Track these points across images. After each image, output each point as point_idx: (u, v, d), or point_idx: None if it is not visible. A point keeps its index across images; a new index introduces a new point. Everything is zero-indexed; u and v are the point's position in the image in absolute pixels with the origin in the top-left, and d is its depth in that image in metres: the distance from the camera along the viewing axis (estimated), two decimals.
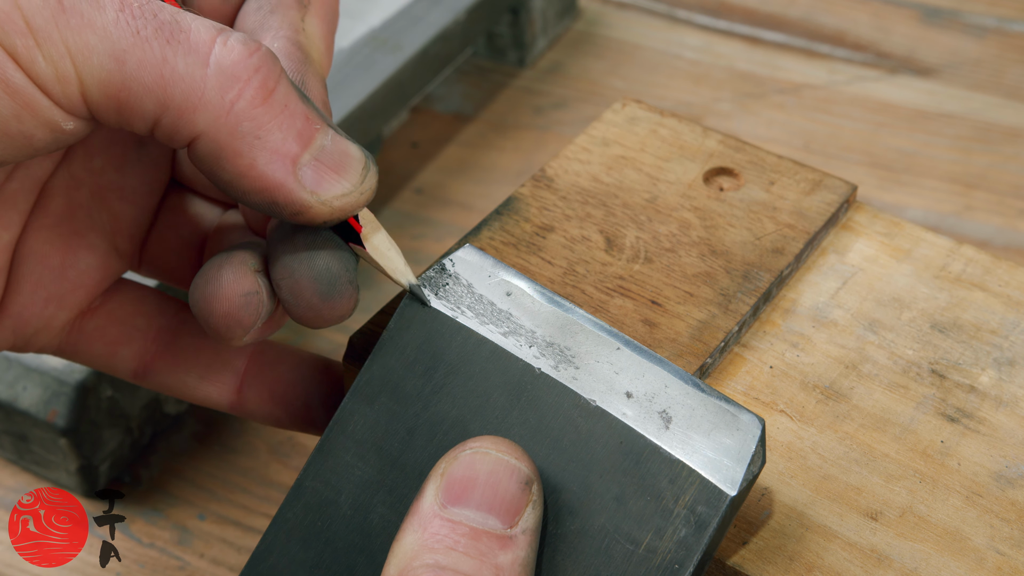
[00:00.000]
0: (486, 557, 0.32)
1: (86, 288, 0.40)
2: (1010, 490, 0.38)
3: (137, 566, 0.54)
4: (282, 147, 0.33)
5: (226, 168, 0.33)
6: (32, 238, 0.39)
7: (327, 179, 0.34)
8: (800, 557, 0.36)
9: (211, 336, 0.36)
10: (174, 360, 0.42)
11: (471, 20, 0.72)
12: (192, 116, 0.32)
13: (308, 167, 0.34)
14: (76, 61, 0.31)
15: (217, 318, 0.36)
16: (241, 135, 0.33)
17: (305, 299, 0.36)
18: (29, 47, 0.31)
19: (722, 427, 0.34)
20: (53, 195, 0.39)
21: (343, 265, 0.36)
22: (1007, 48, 0.81)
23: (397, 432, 0.36)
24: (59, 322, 0.40)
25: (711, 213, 0.45)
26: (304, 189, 0.34)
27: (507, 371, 0.36)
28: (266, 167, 0.33)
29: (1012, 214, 0.70)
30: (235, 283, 0.36)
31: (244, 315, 0.36)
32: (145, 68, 0.32)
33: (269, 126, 0.33)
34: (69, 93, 0.32)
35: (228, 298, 0.36)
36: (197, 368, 0.42)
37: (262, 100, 0.33)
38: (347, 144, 0.35)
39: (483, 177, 0.73)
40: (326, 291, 0.36)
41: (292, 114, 0.33)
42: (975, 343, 0.42)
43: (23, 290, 0.39)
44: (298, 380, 0.42)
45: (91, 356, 0.42)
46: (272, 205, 0.34)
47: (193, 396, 0.42)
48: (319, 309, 0.36)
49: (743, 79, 0.79)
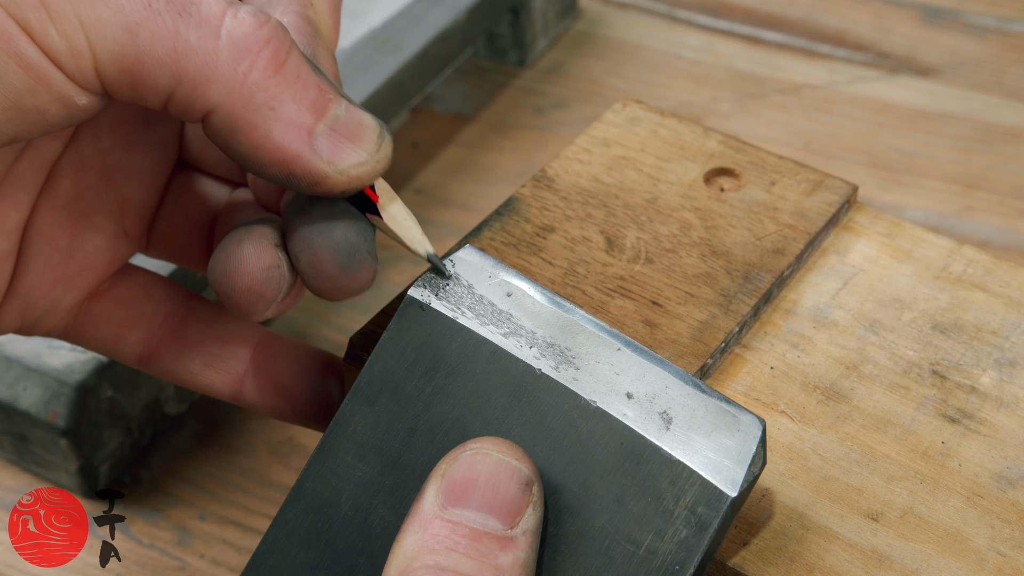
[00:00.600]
0: (487, 558, 0.32)
1: (94, 270, 0.40)
2: (1011, 491, 0.38)
3: (137, 566, 0.54)
4: (297, 118, 0.33)
5: (241, 141, 0.33)
6: (40, 219, 0.39)
7: (343, 148, 0.34)
8: (801, 558, 0.36)
9: (232, 311, 0.36)
10: (179, 347, 0.42)
11: (471, 20, 0.72)
12: (206, 89, 0.32)
13: (324, 137, 0.34)
14: (89, 34, 0.31)
15: (239, 293, 0.36)
16: (255, 106, 0.33)
17: (325, 270, 0.36)
18: (42, 21, 0.31)
19: (723, 428, 0.34)
20: (61, 176, 0.39)
21: (361, 235, 0.36)
22: (1007, 48, 0.81)
23: (397, 433, 0.36)
24: (66, 304, 0.40)
25: (712, 214, 0.45)
26: (321, 159, 0.34)
27: (507, 372, 0.36)
28: (282, 138, 0.33)
29: (1013, 214, 0.70)
30: (256, 257, 0.36)
31: (266, 289, 0.36)
32: (158, 41, 0.32)
33: (283, 97, 0.33)
34: (83, 67, 0.32)
35: (250, 272, 0.36)
36: (202, 356, 0.42)
37: (275, 71, 0.33)
38: (360, 113, 0.35)
39: (483, 177, 0.73)
40: (345, 261, 0.36)
41: (305, 84, 0.33)
42: (976, 344, 0.42)
43: (31, 271, 0.39)
44: (302, 373, 0.42)
45: (96, 340, 0.42)
46: (289, 177, 0.34)
47: (196, 384, 0.42)
48: (339, 280, 0.36)
49: (743, 79, 0.79)
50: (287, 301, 0.38)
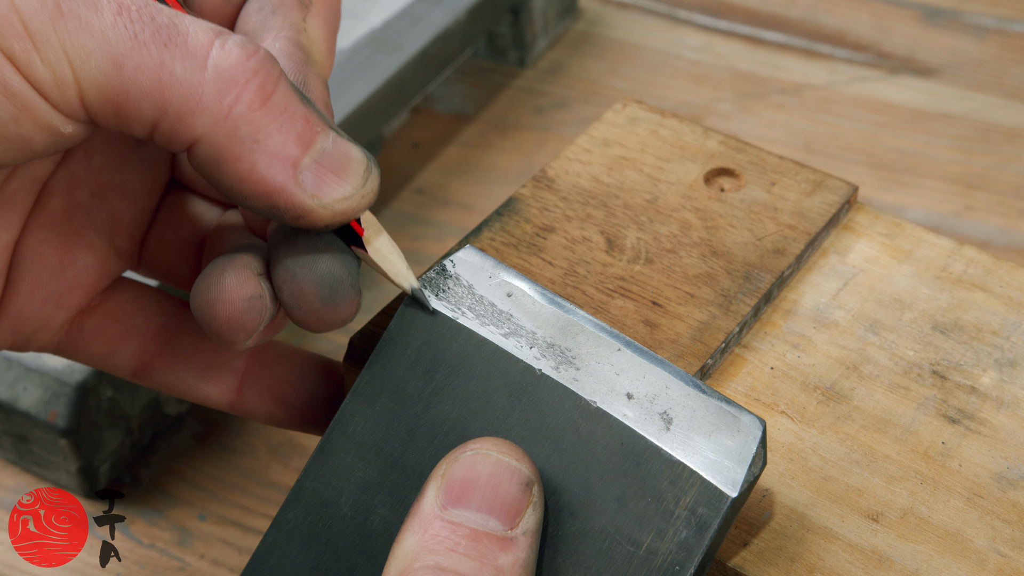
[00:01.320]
0: (487, 559, 0.32)
1: (84, 287, 0.40)
2: (1011, 491, 0.38)
3: (137, 567, 0.54)
4: (282, 150, 0.33)
5: (226, 172, 0.33)
6: (30, 238, 0.39)
7: (328, 182, 0.34)
8: (801, 558, 0.36)
9: (213, 340, 0.36)
10: (174, 359, 0.41)
11: (471, 20, 0.72)
12: (191, 120, 0.32)
13: (309, 171, 0.33)
14: (74, 65, 0.31)
15: (220, 322, 0.36)
16: (240, 139, 0.32)
17: (307, 303, 0.35)
18: (27, 51, 0.31)
19: (723, 428, 0.34)
20: (52, 194, 0.39)
21: (345, 269, 0.36)
22: (1008, 48, 0.81)
23: (398, 433, 0.36)
24: (58, 321, 0.40)
25: (712, 214, 0.45)
26: (305, 193, 0.33)
27: (508, 372, 0.36)
28: (266, 171, 0.33)
29: (1013, 215, 0.70)
30: (238, 287, 0.35)
31: (247, 319, 0.36)
32: (143, 72, 0.32)
33: (268, 129, 0.33)
34: (67, 97, 0.32)
35: (231, 302, 0.35)
36: (197, 367, 0.41)
37: (260, 103, 0.33)
38: (348, 146, 0.34)
39: (484, 177, 0.73)
40: (328, 295, 0.35)
41: (292, 117, 0.33)
42: (976, 344, 0.42)
43: (21, 290, 0.39)
44: (298, 380, 0.42)
45: (90, 355, 0.42)
46: (273, 209, 0.34)
47: (193, 395, 0.42)
48: (321, 313, 0.36)
49: (744, 79, 0.79)
50: (270, 329, 0.37)
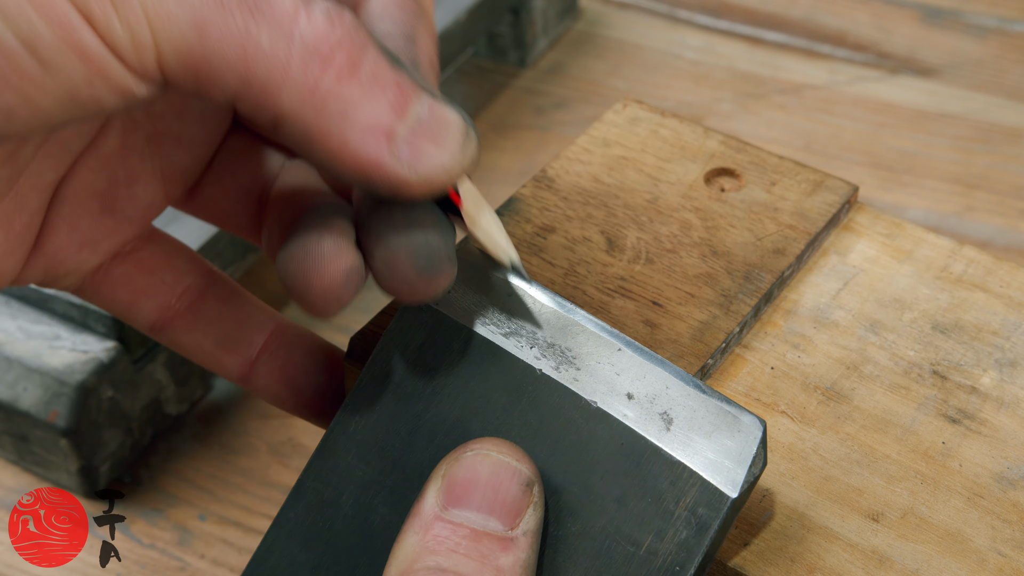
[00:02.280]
0: (487, 559, 0.32)
1: (123, 234, 0.39)
2: (1012, 491, 0.38)
3: (138, 567, 0.54)
4: (374, 122, 0.31)
5: (316, 149, 0.31)
6: (77, 180, 0.38)
7: (425, 152, 0.32)
8: (801, 559, 0.36)
9: (304, 309, 0.34)
10: (195, 321, 0.41)
11: (472, 20, 0.72)
12: (276, 95, 0.31)
13: (404, 141, 0.32)
14: (154, 28, 0.30)
15: (316, 294, 0.34)
16: (329, 114, 0.31)
17: (401, 273, 0.34)
18: (106, 11, 0.29)
19: (723, 429, 0.34)
20: (108, 136, 0.38)
21: (443, 240, 0.34)
22: (1008, 48, 0.81)
23: (398, 433, 0.36)
24: (90, 265, 0.39)
25: (712, 214, 0.45)
26: (402, 165, 0.32)
27: (508, 372, 0.36)
28: (359, 146, 0.31)
29: (1013, 215, 0.70)
30: (337, 258, 0.33)
31: (345, 292, 0.34)
32: (227, 40, 0.30)
33: (358, 102, 0.31)
34: (145, 60, 0.30)
35: (330, 275, 0.33)
36: (216, 334, 0.41)
37: (349, 75, 0.31)
38: (445, 110, 0.32)
39: (484, 177, 0.73)
40: (424, 266, 0.33)
41: (383, 85, 0.31)
42: (976, 344, 0.42)
43: (60, 231, 0.38)
44: (312, 366, 0.41)
45: (111, 302, 0.40)
46: (369, 183, 0.32)
47: (206, 361, 0.41)
48: (415, 284, 0.34)
49: (744, 79, 0.79)
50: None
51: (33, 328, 0.55)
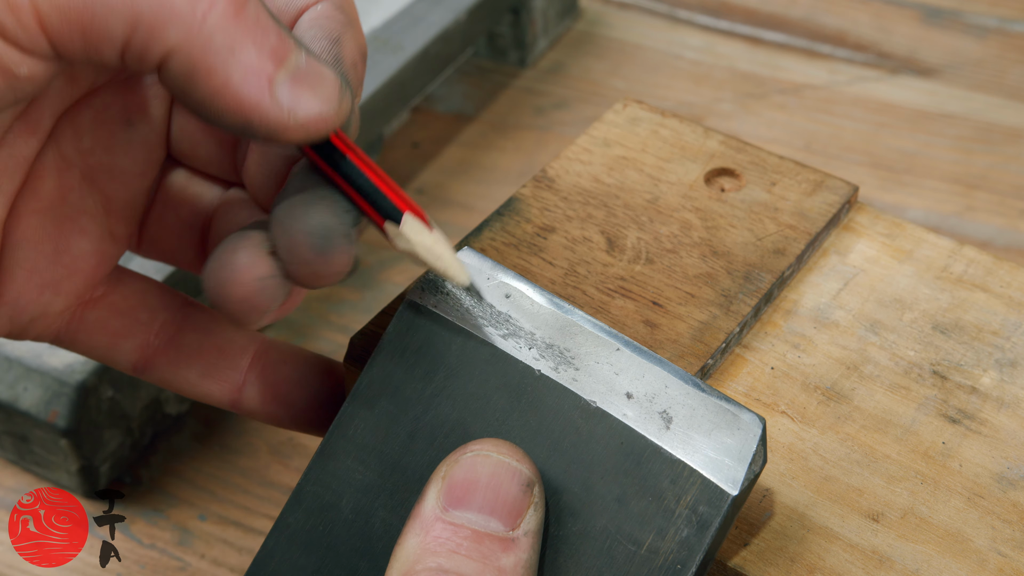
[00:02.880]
0: (488, 560, 0.32)
1: (82, 274, 0.40)
2: (1012, 491, 0.38)
3: (138, 567, 0.54)
4: (257, 64, 0.32)
5: (199, 86, 0.32)
6: (24, 223, 0.38)
7: (303, 98, 0.33)
8: (801, 558, 0.36)
9: (228, 321, 0.35)
10: (176, 355, 0.41)
11: (472, 20, 0.72)
12: (163, 31, 0.31)
13: (284, 85, 0.32)
14: None
15: (233, 303, 0.35)
16: (215, 50, 0.31)
17: (299, 254, 0.34)
18: None
19: (723, 427, 0.34)
20: (43, 177, 0.38)
21: (338, 219, 0.34)
22: (1008, 48, 0.81)
23: (398, 435, 0.36)
24: (56, 309, 0.40)
25: (712, 214, 0.45)
26: (280, 108, 0.32)
27: (507, 373, 0.36)
28: (241, 85, 0.32)
29: (1013, 215, 0.70)
30: (251, 267, 0.35)
31: (261, 300, 0.35)
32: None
33: (243, 41, 0.31)
34: (25, 23, 0.30)
35: (244, 283, 0.34)
36: (199, 365, 0.41)
37: (234, 13, 0.31)
38: (321, 65, 0.33)
39: (484, 177, 0.73)
40: (320, 244, 0.34)
41: (265, 30, 0.32)
42: (977, 344, 0.42)
43: (17, 276, 0.38)
44: (301, 380, 0.42)
45: (91, 347, 0.41)
46: (246, 125, 0.32)
47: (194, 393, 0.42)
48: (313, 264, 0.34)
49: (744, 79, 0.79)
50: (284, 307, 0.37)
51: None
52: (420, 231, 0.35)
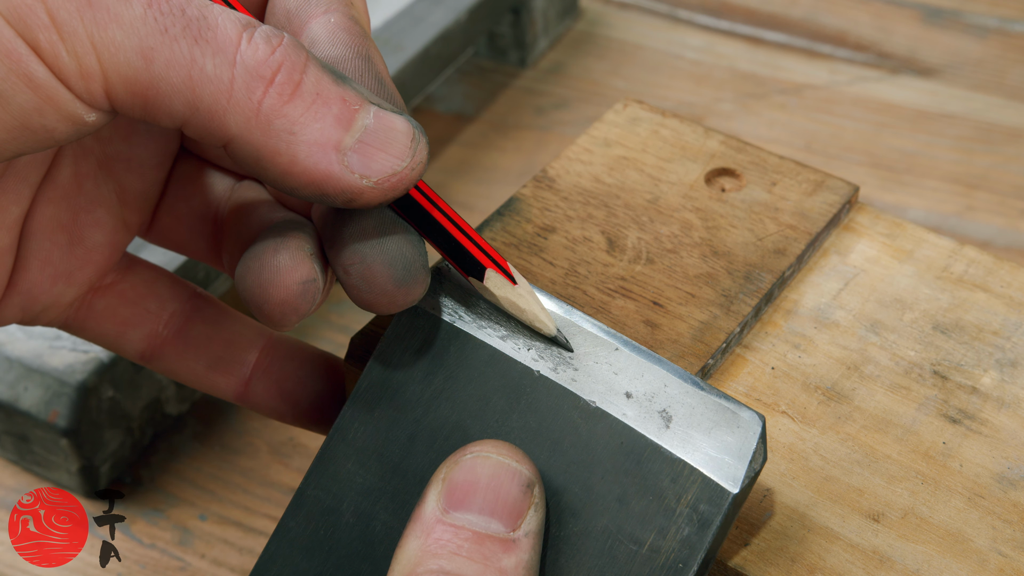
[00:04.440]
0: (490, 561, 0.32)
1: (95, 264, 0.40)
2: (1012, 491, 0.38)
3: (138, 567, 0.54)
4: (321, 137, 0.32)
5: (267, 168, 0.32)
6: (40, 213, 0.39)
7: (375, 160, 0.33)
8: (802, 558, 0.36)
9: (262, 321, 0.35)
10: (185, 346, 0.41)
11: (472, 20, 0.72)
12: (223, 119, 0.32)
13: (353, 151, 0.33)
14: (101, 57, 0.31)
15: (272, 306, 0.35)
16: (275, 133, 0.32)
17: (379, 285, 0.34)
18: (53, 41, 0.30)
19: (723, 425, 0.34)
20: (61, 165, 0.39)
21: (416, 249, 0.35)
22: (1009, 48, 0.81)
23: (398, 438, 0.36)
24: (68, 298, 0.40)
25: (713, 214, 0.45)
26: (352, 175, 0.33)
27: (506, 374, 0.36)
28: (308, 161, 0.32)
29: (1014, 215, 0.70)
30: (293, 270, 0.35)
31: (301, 303, 0.35)
32: (173, 68, 0.31)
33: (303, 119, 0.32)
34: (93, 89, 0.31)
35: (286, 286, 0.35)
36: (207, 356, 0.41)
37: (291, 95, 0.32)
38: (391, 118, 0.33)
39: (484, 177, 0.73)
40: (401, 277, 0.34)
41: (326, 100, 0.32)
42: (977, 344, 0.42)
43: (31, 266, 0.39)
44: (307, 377, 0.42)
45: (99, 334, 0.41)
46: (323, 197, 0.33)
47: (200, 384, 0.42)
48: (393, 295, 0.35)
49: (744, 79, 0.79)
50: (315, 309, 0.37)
51: (34, 328, 0.55)
52: (503, 286, 0.36)
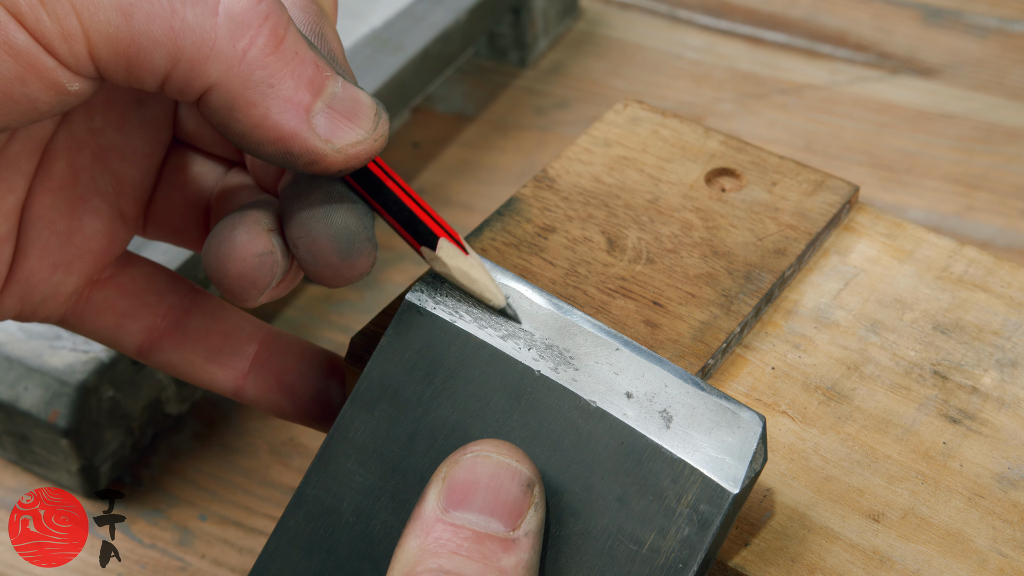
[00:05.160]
0: (489, 560, 0.32)
1: (93, 254, 0.40)
2: (1012, 491, 0.38)
3: (138, 567, 0.54)
4: (295, 96, 0.33)
5: (239, 119, 0.33)
6: (37, 203, 0.39)
7: (340, 127, 0.34)
8: (802, 559, 0.36)
9: (225, 297, 0.36)
10: (183, 339, 0.41)
11: (472, 20, 0.72)
12: (204, 67, 0.32)
13: (321, 115, 0.33)
14: (82, 17, 0.31)
15: (231, 279, 0.36)
16: (254, 84, 0.32)
17: (324, 257, 0.35)
18: (32, 5, 0.30)
19: (723, 425, 0.34)
20: (56, 157, 0.39)
21: (361, 222, 0.35)
22: (1009, 48, 0.81)
23: (398, 437, 0.36)
24: (66, 289, 0.40)
25: (713, 214, 0.45)
26: (318, 137, 0.33)
27: (507, 374, 0.36)
28: (280, 116, 0.33)
29: (1014, 215, 0.70)
30: (249, 244, 0.35)
31: (259, 276, 0.36)
32: (154, 21, 0.31)
33: (281, 74, 0.33)
34: (76, 51, 0.31)
35: (242, 259, 0.35)
36: (205, 349, 0.41)
37: (273, 48, 0.32)
38: (357, 92, 0.34)
39: (484, 177, 0.73)
40: (345, 248, 0.35)
41: (303, 62, 0.33)
42: (977, 344, 0.42)
43: (30, 256, 0.39)
44: (306, 372, 0.42)
45: (96, 328, 0.41)
46: (286, 155, 0.34)
47: (198, 378, 0.42)
48: (338, 267, 0.35)
49: (745, 79, 0.79)
50: (282, 286, 0.37)
51: (34, 328, 0.55)
52: (455, 256, 0.36)
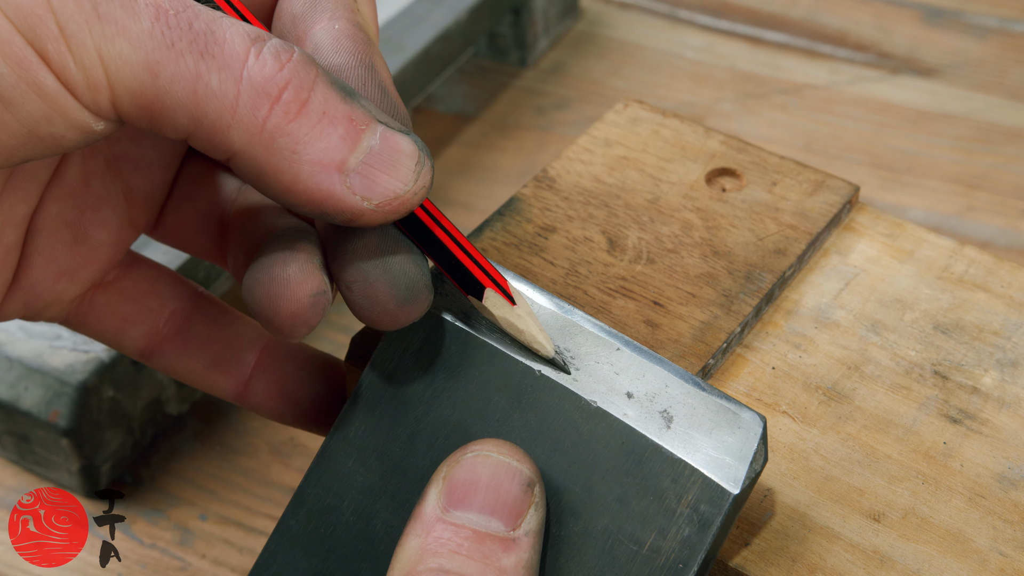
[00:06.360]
0: (490, 560, 0.32)
1: (99, 262, 0.40)
2: (1013, 491, 0.38)
3: (138, 566, 0.54)
4: (324, 157, 0.32)
5: (269, 183, 0.32)
6: (46, 211, 0.39)
7: (377, 183, 0.33)
8: (802, 558, 0.36)
9: (271, 333, 0.35)
10: (185, 345, 0.41)
11: (473, 20, 0.72)
12: (226, 134, 0.32)
13: (356, 172, 0.32)
14: (108, 70, 0.31)
15: (283, 318, 0.34)
16: (278, 151, 0.32)
17: (381, 304, 0.34)
18: (61, 52, 0.30)
19: (723, 425, 0.34)
20: (70, 164, 0.39)
21: (419, 268, 0.35)
22: (1009, 48, 0.81)
23: (398, 437, 0.36)
24: (70, 295, 0.40)
25: (713, 214, 0.45)
26: (354, 196, 0.32)
27: (507, 374, 0.36)
28: (310, 180, 0.32)
29: (1014, 215, 0.70)
30: (303, 283, 0.34)
31: (312, 315, 0.34)
32: (179, 82, 0.31)
33: (307, 138, 0.32)
34: (99, 100, 0.31)
35: (296, 299, 0.34)
36: (207, 355, 0.41)
37: (296, 113, 0.32)
38: (397, 139, 0.33)
39: (485, 177, 0.73)
40: (404, 296, 0.34)
41: (332, 120, 0.32)
42: (978, 344, 0.42)
43: (36, 263, 0.39)
44: (307, 378, 0.42)
45: (99, 330, 0.41)
46: (324, 215, 0.33)
47: (200, 383, 0.42)
48: (395, 314, 0.35)
49: (745, 79, 0.79)
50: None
51: (34, 328, 0.55)
52: (502, 307, 0.36)
